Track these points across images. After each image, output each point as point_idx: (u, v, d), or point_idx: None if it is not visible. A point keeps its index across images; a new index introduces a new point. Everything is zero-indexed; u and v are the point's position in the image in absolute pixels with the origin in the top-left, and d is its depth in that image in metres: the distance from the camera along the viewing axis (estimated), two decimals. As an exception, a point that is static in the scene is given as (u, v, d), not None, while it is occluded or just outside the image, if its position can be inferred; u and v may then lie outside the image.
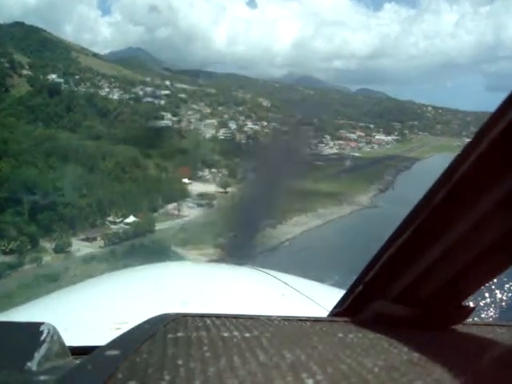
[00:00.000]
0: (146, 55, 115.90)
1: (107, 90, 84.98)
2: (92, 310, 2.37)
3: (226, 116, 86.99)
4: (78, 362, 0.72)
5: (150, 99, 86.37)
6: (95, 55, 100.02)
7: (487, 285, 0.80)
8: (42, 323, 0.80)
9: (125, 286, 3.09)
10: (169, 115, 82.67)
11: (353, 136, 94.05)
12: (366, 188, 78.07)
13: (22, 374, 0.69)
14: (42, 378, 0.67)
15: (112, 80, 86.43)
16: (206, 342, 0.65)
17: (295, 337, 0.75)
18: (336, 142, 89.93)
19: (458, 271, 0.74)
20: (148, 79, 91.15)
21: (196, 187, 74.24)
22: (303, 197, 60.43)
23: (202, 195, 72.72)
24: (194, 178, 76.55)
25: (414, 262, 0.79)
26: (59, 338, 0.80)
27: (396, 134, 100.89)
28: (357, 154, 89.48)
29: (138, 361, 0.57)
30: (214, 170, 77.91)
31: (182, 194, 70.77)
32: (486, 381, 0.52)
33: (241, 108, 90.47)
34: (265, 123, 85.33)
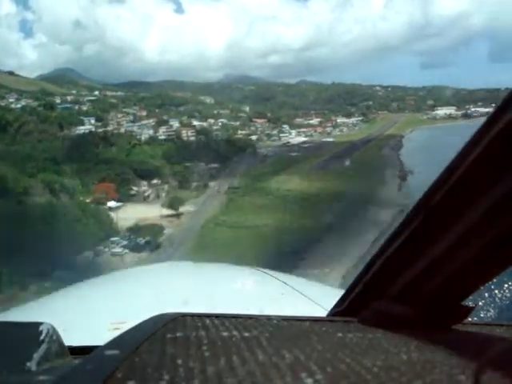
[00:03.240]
0: (75, 74, 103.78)
1: (11, 100, 62.23)
2: (91, 310, 2.31)
3: (165, 117, 75.30)
4: (77, 361, 0.70)
5: (68, 105, 64.67)
6: (11, 73, 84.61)
7: (487, 284, 0.78)
8: (41, 323, 0.78)
9: (124, 285, 3.00)
10: (92, 120, 68.86)
11: (313, 122, 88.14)
12: (382, 180, 61.33)
13: (21, 373, 0.67)
14: (42, 377, 0.66)
15: (24, 94, 69.95)
16: (205, 342, 0.63)
17: (294, 336, 0.72)
18: (299, 130, 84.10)
19: (458, 271, 0.72)
20: (73, 91, 78.40)
21: (128, 213, 48.00)
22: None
23: (138, 227, 45.13)
24: (125, 197, 53.65)
25: (413, 262, 0.77)
26: (58, 337, 0.78)
27: (356, 115, 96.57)
28: (330, 139, 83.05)
29: (138, 360, 0.56)
30: (155, 181, 59.25)
31: (102, 232, 42.39)
32: (485, 380, 0.51)
33: (182, 108, 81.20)
34: (212, 120, 77.40)
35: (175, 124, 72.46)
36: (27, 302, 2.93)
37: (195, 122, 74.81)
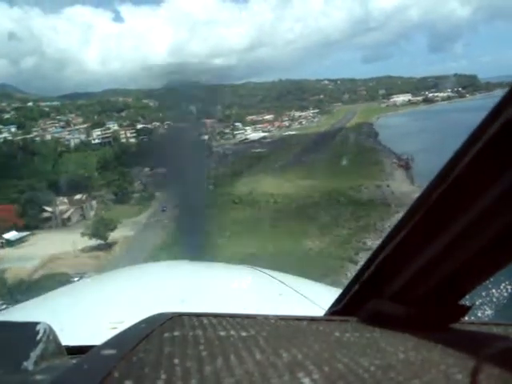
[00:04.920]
0: (11, 89, 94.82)
1: None
2: (88, 310, 2.31)
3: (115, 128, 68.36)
4: (74, 361, 0.70)
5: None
6: None
7: (484, 284, 0.78)
8: (38, 323, 0.77)
9: (121, 285, 2.97)
10: (13, 129, 61.47)
11: (267, 118, 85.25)
12: (383, 171, 51.08)
13: (18, 373, 0.67)
14: (38, 377, 0.66)
15: None
16: (202, 342, 0.62)
17: (292, 336, 0.71)
18: (254, 127, 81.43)
19: (455, 270, 0.71)
20: (3, 104, 71.85)
21: (32, 249, 33.73)
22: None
23: (35, 282, 30.02)
24: (34, 223, 38.49)
25: (410, 261, 0.76)
26: (55, 337, 0.77)
27: (311, 108, 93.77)
28: (292, 132, 79.81)
29: (135, 360, 0.55)
30: (79, 196, 45.86)
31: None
32: (483, 379, 0.51)
33: (124, 113, 75.05)
34: (157, 123, 72.40)
35: (113, 126, 66.38)
36: (24, 302, 2.97)
37: (139, 125, 69.47)
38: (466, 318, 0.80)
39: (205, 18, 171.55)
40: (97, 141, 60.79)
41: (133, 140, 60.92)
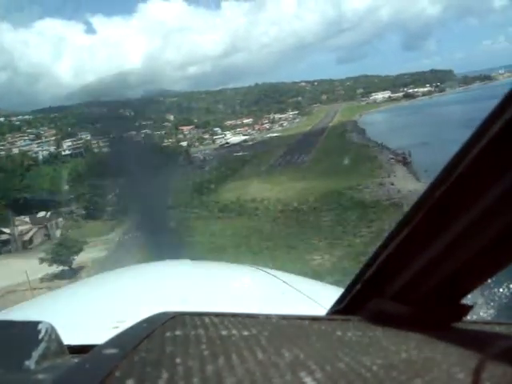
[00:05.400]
0: None
1: None
2: (90, 309, 2.30)
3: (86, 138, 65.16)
4: (76, 360, 0.69)
5: None
6: None
7: (486, 283, 0.78)
8: (40, 322, 0.77)
9: (123, 284, 2.97)
10: None
11: (247, 121, 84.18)
12: (378, 169, 46.47)
13: (20, 372, 0.67)
14: (40, 376, 0.65)
15: None
16: (204, 341, 0.62)
17: (294, 335, 0.71)
18: (234, 131, 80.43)
19: (457, 269, 0.71)
20: None
21: None
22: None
23: None
24: None
25: (412, 260, 0.76)
26: (57, 336, 0.77)
27: (290, 110, 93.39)
28: (275, 134, 78.23)
29: (136, 359, 0.55)
30: (42, 214, 39.92)
31: None
32: (485, 379, 0.50)
33: (98, 125, 71.18)
34: (134, 132, 70.05)
35: (85, 137, 62.78)
36: (24, 301, 2.93)
37: (112, 135, 65.70)
38: (468, 317, 0.80)
39: (178, 26, 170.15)
40: (67, 152, 57.17)
41: (106, 149, 57.50)
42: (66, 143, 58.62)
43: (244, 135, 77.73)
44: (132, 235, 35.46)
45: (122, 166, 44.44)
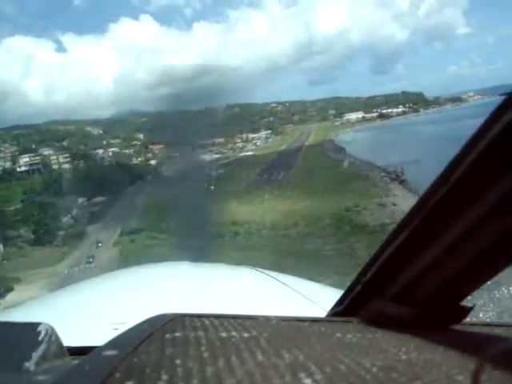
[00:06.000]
0: None
1: None
2: (90, 310, 2.28)
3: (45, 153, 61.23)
4: (75, 362, 0.69)
5: None
6: None
7: (485, 285, 0.77)
8: (40, 323, 0.76)
9: (123, 285, 2.96)
10: None
11: (219, 141, 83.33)
12: (374, 188, 42.52)
13: (19, 374, 0.66)
14: (40, 378, 0.65)
15: None
16: (203, 342, 0.62)
17: (293, 337, 0.71)
18: (206, 150, 77.71)
19: (456, 271, 0.71)
20: None
21: None
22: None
23: None
24: None
25: (412, 262, 0.76)
26: (57, 338, 0.76)
27: (263, 130, 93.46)
28: (249, 153, 78.44)
29: (136, 361, 0.55)
30: None
31: None
32: (484, 381, 0.50)
33: (65, 142, 69.39)
34: (101, 150, 69.98)
35: (45, 151, 57.89)
36: (24, 302, 3.02)
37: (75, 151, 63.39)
38: (468, 319, 0.80)
39: (149, 47, 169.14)
40: (23, 168, 52.10)
41: (67, 166, 53.03)
42: (23, 159, 53.60)
43: (216, 154, 76.83)
44: (83, 266, 30.25)
45: (83, 183, 40.24)
